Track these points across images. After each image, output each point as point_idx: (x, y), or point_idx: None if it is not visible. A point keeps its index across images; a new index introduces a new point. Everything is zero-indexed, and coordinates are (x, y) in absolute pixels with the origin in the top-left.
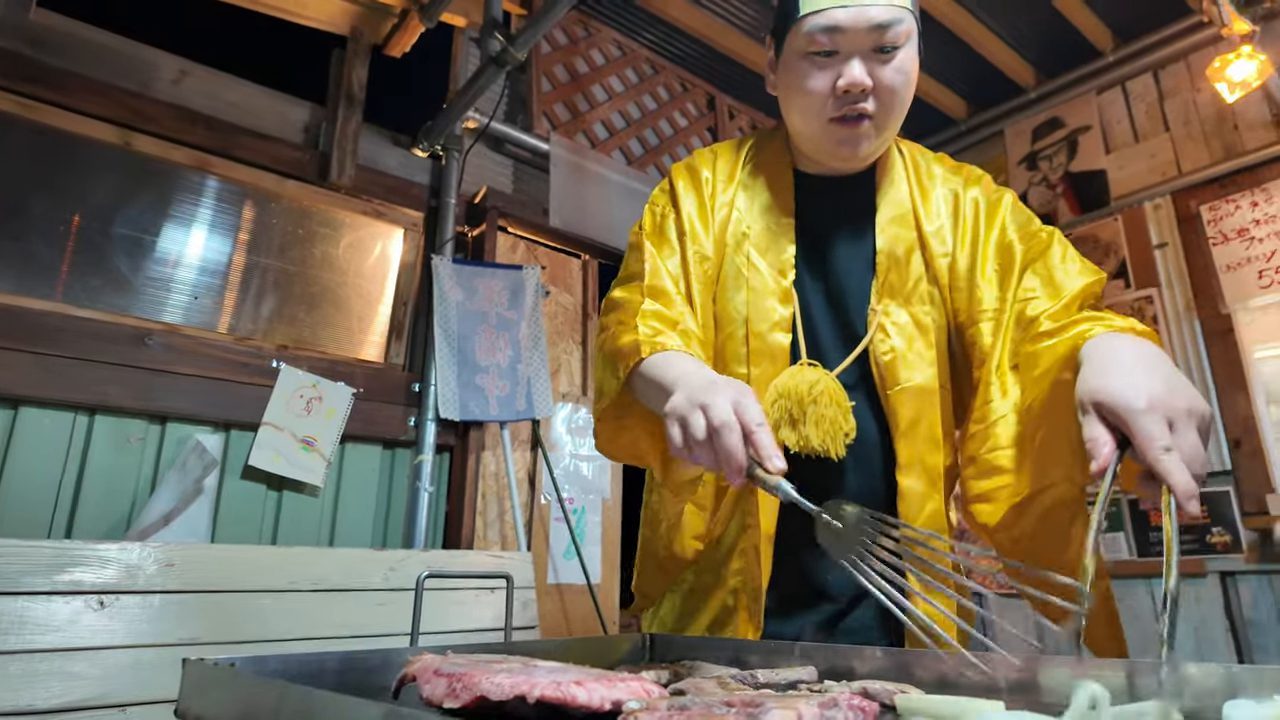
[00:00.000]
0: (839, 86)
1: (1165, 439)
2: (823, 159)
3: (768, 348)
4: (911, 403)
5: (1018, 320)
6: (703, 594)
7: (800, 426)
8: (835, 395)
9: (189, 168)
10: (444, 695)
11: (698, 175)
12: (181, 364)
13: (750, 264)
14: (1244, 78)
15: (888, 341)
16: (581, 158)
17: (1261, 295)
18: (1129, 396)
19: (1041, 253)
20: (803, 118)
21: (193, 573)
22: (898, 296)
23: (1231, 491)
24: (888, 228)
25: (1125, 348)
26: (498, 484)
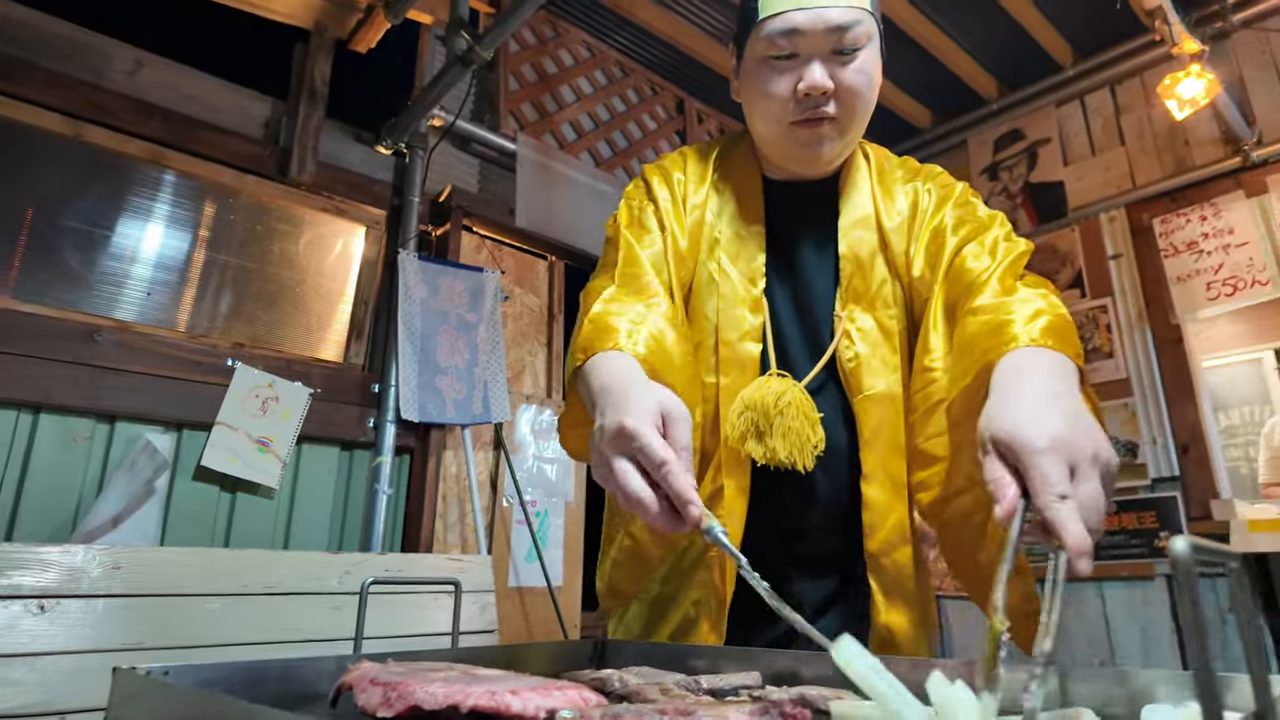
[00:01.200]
0: (799, 89)
1: (1062, 485)
2: (786, 163)
3: (737, 357)
4: (875, 410)
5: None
6: (666, 603)
7: (767, 439)
8: (802, 406)
9: (144, 161)
10: (379, 704)
11: (670, 175)
12: (132, 362)
13: (721, 271)
14: (1192, 96)
15: (852, 348)
16: (549, 158)
17: (1209, 307)
18: (1029, 435)
19: (978, 233)
20: (765, 122)
21: (140, 576)
22: (862, 301)
23: (1178, 497)
24: (850, 231)
25: (1032, 377)
26: (459, 486)
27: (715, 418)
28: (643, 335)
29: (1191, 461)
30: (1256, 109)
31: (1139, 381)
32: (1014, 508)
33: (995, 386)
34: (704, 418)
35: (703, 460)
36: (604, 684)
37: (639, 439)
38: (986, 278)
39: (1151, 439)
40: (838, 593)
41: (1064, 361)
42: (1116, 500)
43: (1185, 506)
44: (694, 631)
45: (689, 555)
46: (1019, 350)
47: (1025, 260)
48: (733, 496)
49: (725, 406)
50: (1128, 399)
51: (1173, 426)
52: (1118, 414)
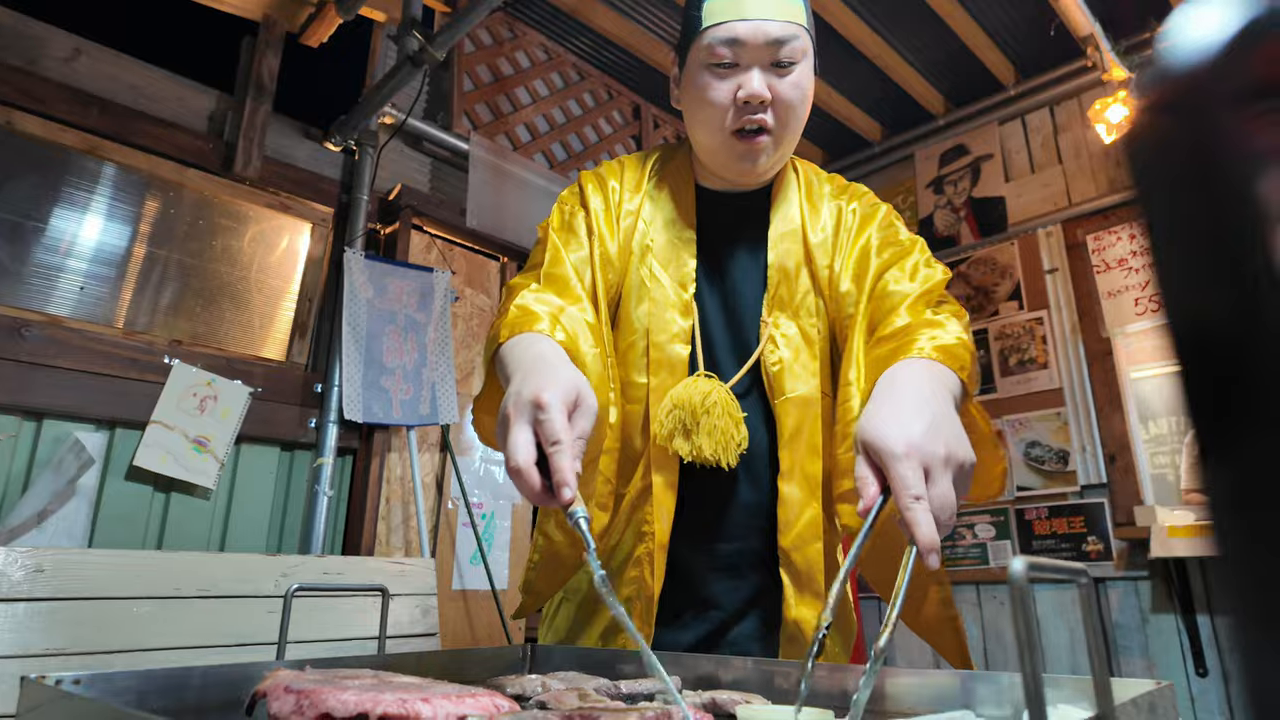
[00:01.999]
0: (739, 97)
1: (916, 487)
2: (723, 172)
3: (667, 359)
4: (795, 412)
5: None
6: (595, 603)
7: (693, 437)
8: (727, 406)
9: (80, 152)
10: (290, 712)
11: (605, 183)
12: (63, 357)
13: (653, 276)
14: (1120, 120)
15: (777, 352)
16: (502, 159)
17: (1137, 321)
18: (890, 441)
19: (900, 258)
20: (705, 129)
21: (64, 579)
22: (787, 309)
23: (1106, 503)
24: (779, 243)
25: (906, 384)
26: (403, 488)
27: (645, 418)
28: (563, 326)
29: (1118, 469)
30: None
31: (1071, 392)
32: (872, 504)
33: (874, 393)
34: (634, 417)
35: (632, 459)
36: (525, 690)
37: (547, 411)
38: (901, 303)
39: (1081, 447)
40: (755, 595)
41: (944, 373)
42: (1048, 505)
43: (1112, 512)
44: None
45: (618, 555)
46: (904, 360)
47: (942, 288)
48: (661, 492)
49: (655, 406)
50: (1060, 409)
51: (1101, 436)
52: (1051, 423)
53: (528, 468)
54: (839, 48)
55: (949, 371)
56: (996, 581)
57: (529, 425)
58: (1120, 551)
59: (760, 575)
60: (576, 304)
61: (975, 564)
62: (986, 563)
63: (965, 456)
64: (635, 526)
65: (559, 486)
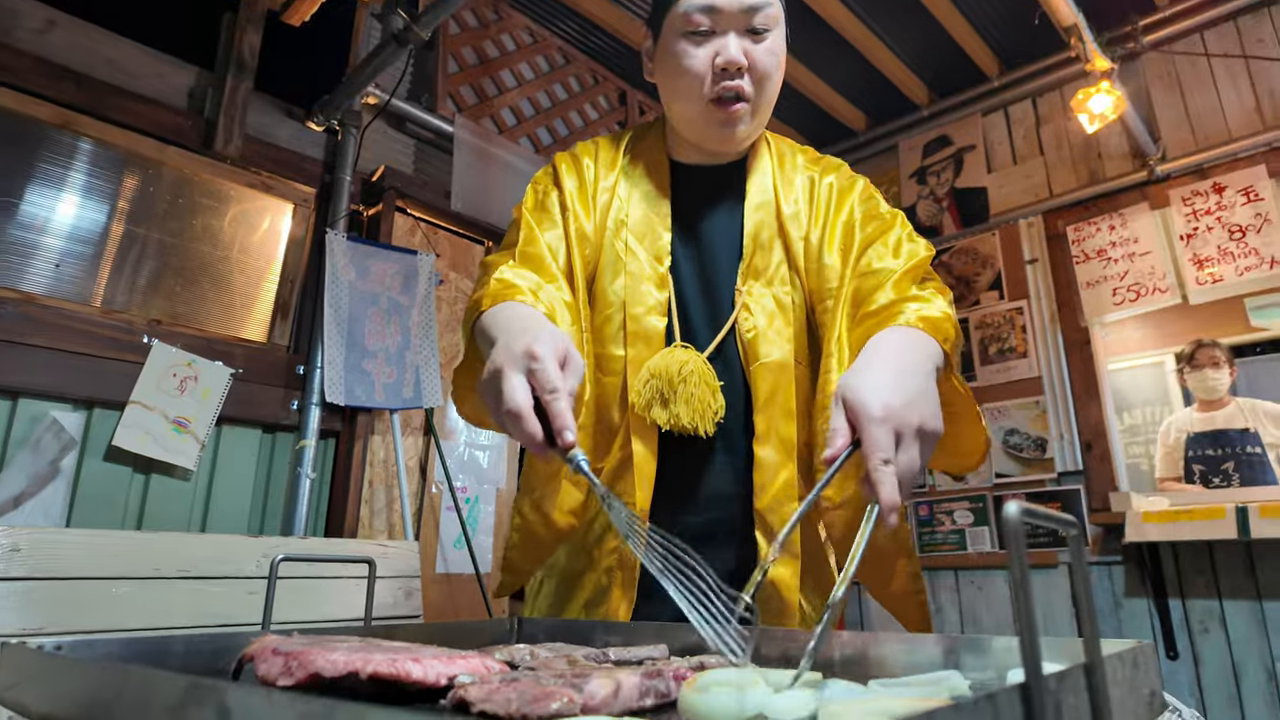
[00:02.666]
0: (717, 63)
1: (886, 451)
2: (702, 142)
3: (644, 330)
4: (769, 377)
5: (854, 295)
6: (576, 577)
7: (671, 405)
8: (704, 375)
9: (54, 126)
10: (279, 673)
11: (580, 162)
12: (38, 336)
13: (628, 249)
14: (1101, 111)
15: (750, 320)
16: (487, 142)
17: (1115, 311)
18: (869, 402)
19: (882, 233)
20: (683, 99)
21: (41, 558)
22: (761, 278)
23: (1082, 490)
24: (753, 213)
25: (892, 350)
26: (386, 471)
27: (624, 389)
28: (544, 298)
29: (1094, 457)
30: (1161, 126)
31: (1049, 381)
32: (839, 454)
33: (861, 354)
34: (612, 389)
35: (609, 433)
36: (514, 658)
37: (541, 361)
38: (886, 280)
39: (1059, 435)
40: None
41: (928, 343)
42: (1026, 492)
43: (1087, 499)
44: (605, 600)
45: (595, 528)
46: (889, 330)
47: (927, 264)
48: (643, 460)
49: (633, 377)
50: (1039, 397)
51: (1079, 424)
52: (1029, 411)
53: (527, 411)
54: (824, 36)
55: (933, 341)
56: (974, 567)
57: (522, 373)
58: (1095, 537)
59: (738, 542)
60: (552, 282)
61: (954, 549)
62: (965, 548)
63: (935, 428)
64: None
65: (560, 431)
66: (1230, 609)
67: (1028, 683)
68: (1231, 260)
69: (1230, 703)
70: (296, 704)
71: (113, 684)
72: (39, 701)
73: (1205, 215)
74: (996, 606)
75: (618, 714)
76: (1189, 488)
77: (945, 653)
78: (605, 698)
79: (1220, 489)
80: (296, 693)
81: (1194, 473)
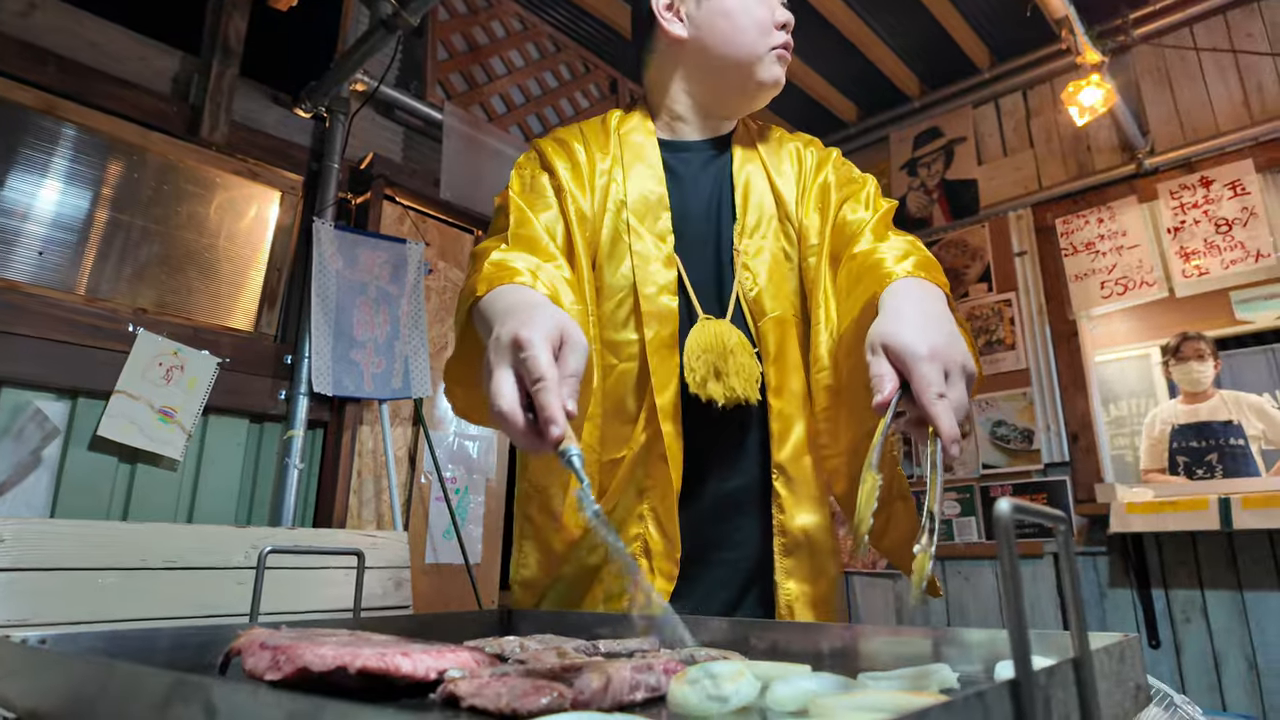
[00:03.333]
0: (778, 20)
1: (940, 386)
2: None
3: (657, 311)
4: (776, 330)
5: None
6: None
7: (725, 378)
8: (744, 343)
9: (37, 110)
10: (267, 667)
11: (568, 145)
12: (20, 324)
13: (632, 231)
14: (1091, 103)
15: (752, 279)
16: (477, 130)
17: (1102, 304)
18: (914, 343)
19: (856, 191)
20: (742, 49)
21: (25, 548)
22: (756, 233)
23: (1068, 481)
24: (742, 173)
25: (916, 299)
26: (375, 462)
27: (641, 373)
28: (544, 278)
29: (1081, 449)
30: (1150, 120)
31: (1037, 373)
32: (891, 398)
33: (883, 306)
34: (628, 376)
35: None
36: (504, 650)
37: (528, 349)
38: (862, 229)
39: (1046, 427)
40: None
41: (936, 290)
42: (1012, 483)
43: (1073, 490)
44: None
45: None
46: (900, 280)
47: (892, 214)
48: (673, 442)
49: (652, 359)
50: (1026, 389)
51: (1066, 416)
52: (1017, 403)
53: (511, 410)
54: (816, 26)
55: (937, 288)
56: (961, 557)
57: (510, 367)
58: (1080, 528)
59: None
60: (551, 261)
61: (941, 539)
62: (952, 539)
63: (973, 369)
64: (636, 484)
65: (546, 425)
66: (1212, 599)
67: (1018, 679)
68: (1218, 253)
69: (1211, 691)
70: (284, 701)
71: (98, 679)
72: (24, 696)
73: (1192, 209)
74: (983, 597)
75: (608, 708)
76: (1173, 479)
77: (934, 645)
78: (595, 692)
79: (1203, 480)
80: (283, 688)
81: (1178, 464)
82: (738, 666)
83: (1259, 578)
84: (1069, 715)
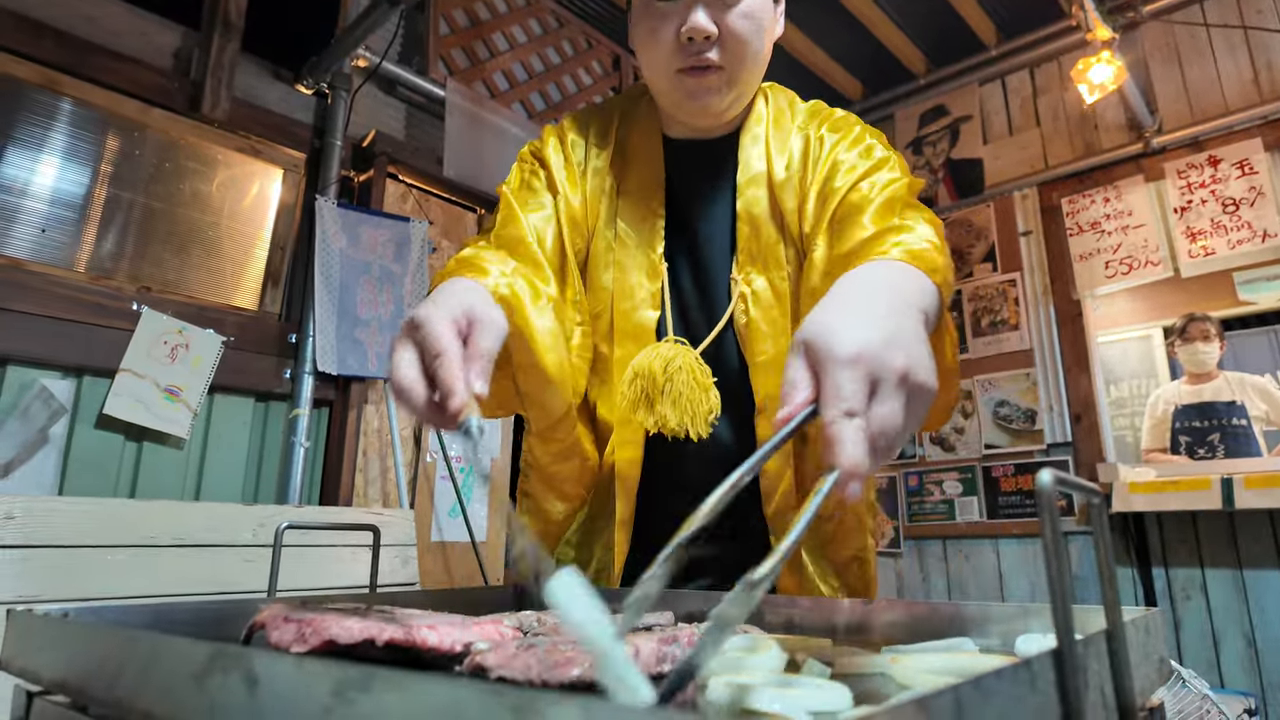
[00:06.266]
0: (681, 34)
1: (852, 400)
2: (677, 113)
3: (633, 327)
4: (768, 378)
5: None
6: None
7: (657, 406)
8: (694, 372)
9: (35, 85)
10: (292, 640)
11: (567, 139)
12: (25, 302)
13: (619, 238)
14: (1101, 81)
15: (747, 313)
16: (479, 107)
17: (1107, 284)
18: (835, 341)
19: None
20: (652, 70)
21: (34, 526)
22: (756, 263)
23: (1070, 461)
24: (745, 191)
25: (871, 282)
26: (380, 441)
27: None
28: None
29: (1083, 429)
30: (1159, 98)
31: (1041, 353)
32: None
33: (828, 293)
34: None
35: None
36: (523, 624)
37: (424, 326)
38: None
39: (1049, 407)
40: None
41: (916, 277)
42: (1014, 463)
43: (1075, 470)
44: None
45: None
46: (866, 263)
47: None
48: (626, 467)
49: (618, 377)
50: (1030, 369)
51: (1069, 396)
52: (1020, 383)
53: (409, 385)
54: (821, 2)
55: (921, 275)
56: (962, 536)
57: (410, 344)
58: (1082, 507)
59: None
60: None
61: (942, 519)
62: (953, 518)
63: (926, 380)
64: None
65: (446, 396)
66: (1211, 577)
67: (1060, 649)
68: (1224, 233)
69: (1209, 668)
70: (331, 670)
71: (131, 650)
72: (51, 668)
73: (1199, 188)
74: (983, 576)
75: None
76: (1175, 459)
77: (948, 619)
78: None
79: (1205, 460)
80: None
81: (1180, 444)
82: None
83: (1259, 556)
84: (1103, 686)
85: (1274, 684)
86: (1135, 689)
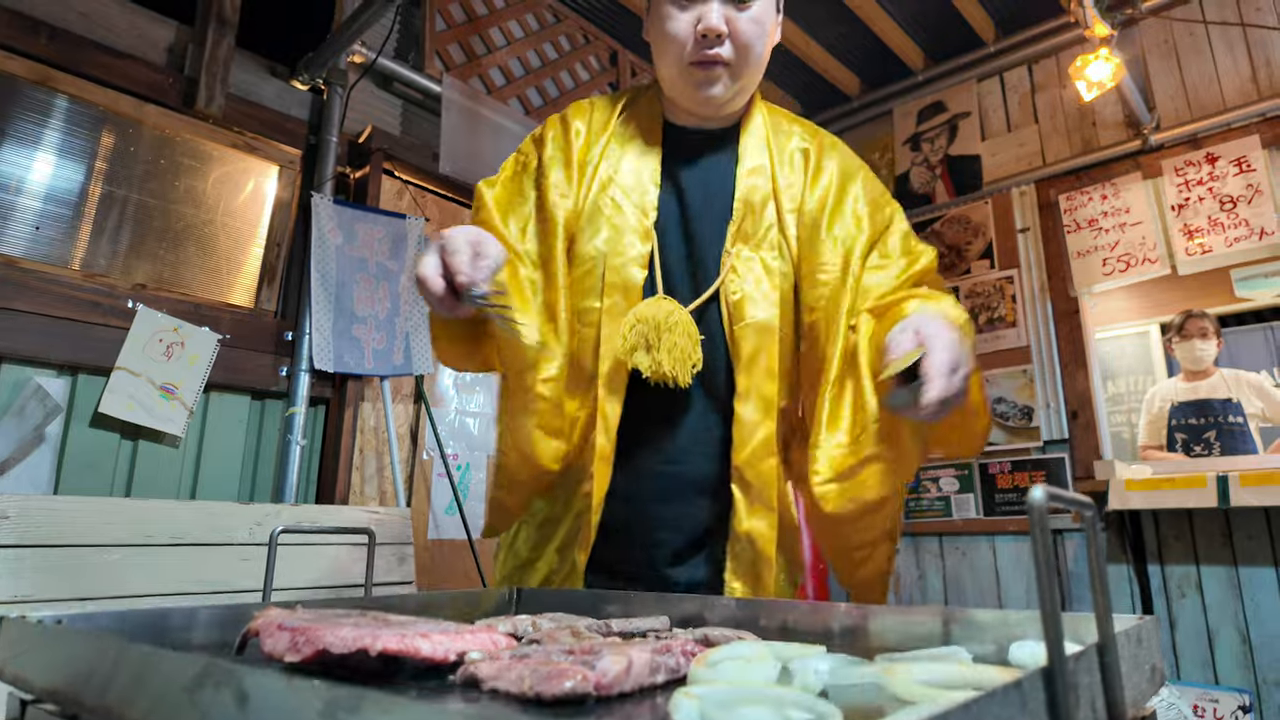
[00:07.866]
0: (698, 30)
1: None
2: (684, 101)
3: (622, 280)
4: (753, 337)
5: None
6: (554, 523)
7: (654, 352)
8: (687, 326)
9: (29, 82)
10: (286, 649)
11: (569, 126)
12: (19, 300)
13: (614, 204)
14: (1099, 78)
15: (738, 282)
16: (476, 103)
17: (1104, 281)
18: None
19: (883, 231)
20: (665, 61)
21: (31, 525)
22: (750, 241)
23: (1067, 458)
24: (747, 178)
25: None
26: (377, 438)
27: (596, 341)
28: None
29: (1080, 426)
30: (1157, 95)
31: (1038, 350)
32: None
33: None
34: (587, 342)
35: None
36: (517, 629)
37: (446, 238)
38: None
39: (1046, 404)
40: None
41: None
42: (1011, 460)
43: (1072, 467)
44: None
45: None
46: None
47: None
48: (608, 406)
49: (608, 327)
50: (1027, 366)
51: (1065, 393)
52: (1017, 380)
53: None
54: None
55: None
56: (959, 533)
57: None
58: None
59: (708, 497)
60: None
61: (939, 516)
62: (950, 515)
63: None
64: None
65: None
66: (1207, 575)
67: (1051, 667)
68: (1221, 231)
69: (1204, 666)
70: (320, 690)
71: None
72: (43, 676)
73: (1197, 185)
74: (980, 573)
75: (630, 691)
76: (1171, 456)
77: (943, 624)
78: (618, 675)
79: (1201, 457)
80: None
81: (1176, 441)
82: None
83: (1254, 553)
84: (1094, 700)
85: (1269, 681)
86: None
